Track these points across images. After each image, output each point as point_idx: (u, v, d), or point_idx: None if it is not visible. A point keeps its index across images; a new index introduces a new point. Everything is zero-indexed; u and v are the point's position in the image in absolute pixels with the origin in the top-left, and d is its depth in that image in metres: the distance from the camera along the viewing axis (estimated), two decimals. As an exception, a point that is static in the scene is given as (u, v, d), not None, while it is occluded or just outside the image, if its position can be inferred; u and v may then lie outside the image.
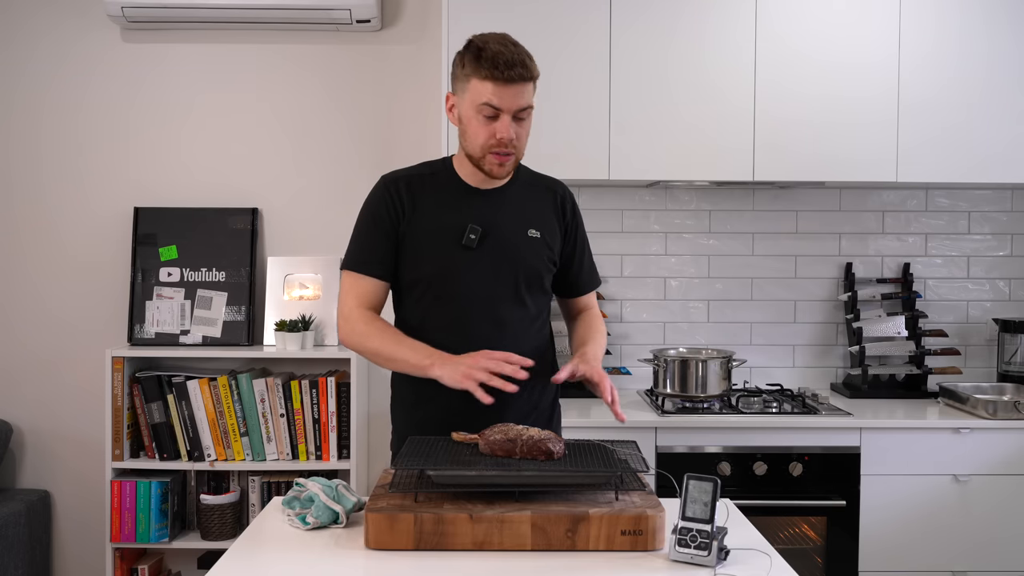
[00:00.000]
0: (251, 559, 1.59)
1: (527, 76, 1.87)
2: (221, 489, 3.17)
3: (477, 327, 1.96)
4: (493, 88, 1.85)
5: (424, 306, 2.00)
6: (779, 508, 2.81)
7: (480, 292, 1.96)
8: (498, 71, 1.84)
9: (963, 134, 3.01)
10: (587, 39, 2.97)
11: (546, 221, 2.04)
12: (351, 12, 3.12)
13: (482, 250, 1.96)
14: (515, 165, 1.98)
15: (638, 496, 1.67)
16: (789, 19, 2.99)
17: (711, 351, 3.10)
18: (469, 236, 1.95)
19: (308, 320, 3.13)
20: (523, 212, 2.02)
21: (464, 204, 1.98)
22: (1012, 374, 3.25)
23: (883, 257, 3.41)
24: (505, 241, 1.98)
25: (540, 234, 2.01)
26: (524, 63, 1.87)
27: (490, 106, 1.86)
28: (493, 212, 1.99)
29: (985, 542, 2.82)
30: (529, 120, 1.93)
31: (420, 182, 2.01)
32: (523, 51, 1.90)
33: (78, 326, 3.31)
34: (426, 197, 1.99)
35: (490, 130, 1.88)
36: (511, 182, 2.03)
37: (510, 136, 1.88)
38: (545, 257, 2.02)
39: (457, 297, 1.97)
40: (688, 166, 3.01)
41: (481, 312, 1.97)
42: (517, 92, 1.86)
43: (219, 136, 3.32)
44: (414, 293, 2.01)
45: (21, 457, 3.33)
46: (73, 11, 3.28)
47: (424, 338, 1.96)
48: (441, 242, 1.96)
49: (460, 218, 1.96)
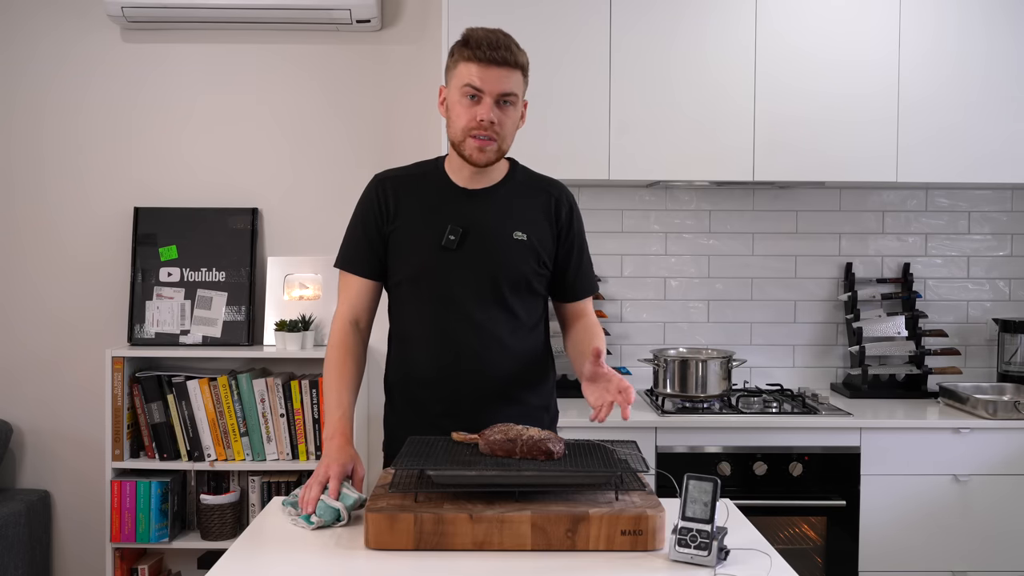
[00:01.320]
0: (251, 559, 1.59)
1: (511, 61, 1.87)
2: (221, 489, 3.17)
3: (456, 329, 1.96)
4: (476, 69, 1.86)
5: (408, 307, 2.01)
6: (779, 508, 2.81)
7: (460, 294, 1.95)
8: (480, 51, 1.85)
9: (962, 133, 3.00)
10: (587, 39, 2.97)
11: (535, 223, 2.01)
12: (351, 12, 3.12)
13: (463, 251, 1.95)
14: (498, 155, 1.94)
15: (638, 496, 1.67)
16: (789, 17, 2.99)
17: (711, 351, 3.10)
18: (448, 237, 1.94)
19: (308, 320, 3.14)
20: (510, 213, 1.99)
21: (449, 205, 1.98)
22: (1012, 374, 3.25)
23: (883, 257, 3.41)
24: (487, 243, 1.96)
25: (527, 236, 1.98)
26: (509, 47, 1.87)
27: (472, 87, 1.86)
28: (478, 213, 1.97)
29: (985, 542, 2.82)
30: (515, 111, 1.92)
31: (408, 182, 2.02)
32: (511, 40, 1.90)
33: (78, 326, 3.31)
34: (412, 197, 1.99)
35: (471, 112, 1.88)
36: (504, 182, 2.02)
37: (490, 118, 1.87)
38: (532, 260, 1.99)
39: (436, 299, 1.97)
40: (688, 166, 3.01)
41: (460, 314, 1.96)
42: (500, 76, 1.86)
43: (219, 136, 3.32)
44: (398, 294, 2.02)
45: (21, 457, 3.33)
46: (73, 11, 3.28)
47: (408, 340, 2.02)
48: (422, 243, 1.96)
49: (443, 219, 1.96)
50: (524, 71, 1.92)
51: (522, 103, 1.95)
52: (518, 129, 1.97)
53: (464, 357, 1.96)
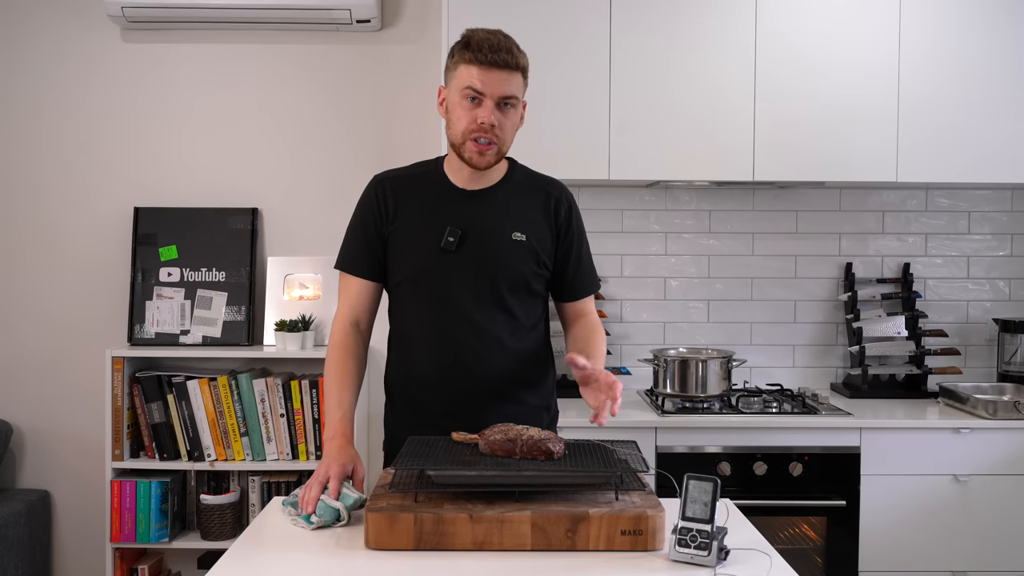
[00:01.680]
0: (251, 559, 1.59)
1: (512, 63, 1.86)
2: (221, 489, 3.17)
3: (455, 331, 1.96)
4: (477, 71, 1.85)
5: (407, 308, 2.01)
6: (779, 508, 2.81)
7: (459, 295, 1.95)
8: (482, 54, 1.85)
9: (962, 133, 3.00)
10: (587, 39, 2.97)
11: (534, 223, 2.00)
12: (351, 12, 3.12)
13: (462, 253, 1.95)
14: (498, 157, 1.93)
15: (638, 496, 1.67)
16: (789, 17, 2.99)
17: (711, 351, 3.10)
18: (448, 239, 1.94)
19: (308, 320, 3.14)
20: (508, 214, 1.99)
21: (448, 206, 1.97)
22: (1012, 374, 3.25)
23: (883, 257, 3.41)
24: (486, 244, 1.96)
25: (526, 237, 1.98)
26: (510, 50, 1.87)
27: (473, 89, 1.86)
28: (477, 214, 1.97)
29: (985, 542, 2.82)
30: (516, 113, 1.92)
31: (408, 183, 2.01)
32: (512, 42, 1.90)
33: (78, 326, 3.31)
34: (411, 199, 1.99)
35: (472, 115, 1.87)
36: (503, 182, 2.01)
37: (491, 121, 1.86)
38: (531, 261, 1.99)
39: (436, 300, 1.96)
40: (688, 166, 3.01)
41: (460, 316, 1.96)
42: (501, 78, 1.86)
43: (219, 136, 3.32)
44: (398, 295, 2.02)
45: (21, 457, 3.33)
46: (73, 11, 3.28)
47: (408, 341, 2.02)
48: (421, 245, 1.96)
49: (442, 220, 1.95)
50: (524, 73, 1.92)
51: (522, 104, 1.95)
52: (517, 130, 1.97)
53: (464, 358, 1.96)
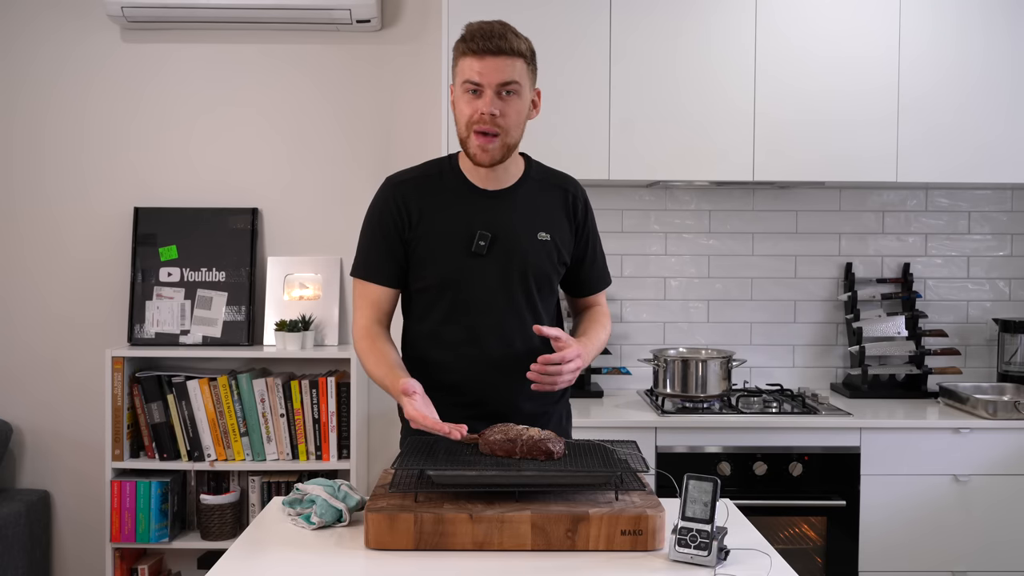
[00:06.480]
0: (251, 559, 1.59)
1: (506, 48, 1.82)
2: (221, 489, 3.17)
3: (487, 333, 1.94)
4: (473, 62, 1.83)
5: (434, 313, 1.97)
6: (779, 508, 2.81)
7: (490, 298, 1.94)
8: (475, 43, 1.82)
9: (961, 132, 3.00)
10: (587, 39, 2.97)
11: (556, 222, 2.00)
12: (351, 12, 3.12)
13: (491, 256, 1.93)
14: (504, 151, 1.89)
15: (638, 496, 1.67)
16: (789, 17, 2.99)
17: (711, 351, 3.10)
18: (479, 243, 1.91)
19: (308, 320, 3.14)
20: (533, 214, 1.97)
21: (472, 208, 1.94)
22: (1012, 374, 3.25)
23: (883, 257, 3.41)
24: (515, 246, 1.94)
25: (550, 236, 1.97)
26: (504, 35, 1.83)
27: (472, 82, 1.84)
28: (502, 216, 1.94)
29: (985, 542, 2.82)
30: (520, 101, 1.87)
31: (426, 185, 1.97)
32: (509, 28, 1.86)
33: (78, 326, 3.31)
34: (432, 201, 1.95)
35: (474, 106, 1.85)
36: (521, 181, 1.99)
37: (491, 110, 1.83)
38: (555, 259, 1.99)
39: (467, 303, 1.94)
40: (688, 166, 3.01)
41: (491, 318, 1.94)
42: (498, 65, 1.82)
43: (219, 136, 3.32)
44: (424, 300, 1.98)
45: (21, 457, 3.33)
46: (74, 12, 3.28)
47: (436, 345, 1.97)
48: (449, 249, 1.93)
49: (468, 223, 1.92)
50: (527, 58, 1.87)
51: (531, 92, 1.91)
52: (530, 119, 1.93)
53: (492, 359, 1.95)
